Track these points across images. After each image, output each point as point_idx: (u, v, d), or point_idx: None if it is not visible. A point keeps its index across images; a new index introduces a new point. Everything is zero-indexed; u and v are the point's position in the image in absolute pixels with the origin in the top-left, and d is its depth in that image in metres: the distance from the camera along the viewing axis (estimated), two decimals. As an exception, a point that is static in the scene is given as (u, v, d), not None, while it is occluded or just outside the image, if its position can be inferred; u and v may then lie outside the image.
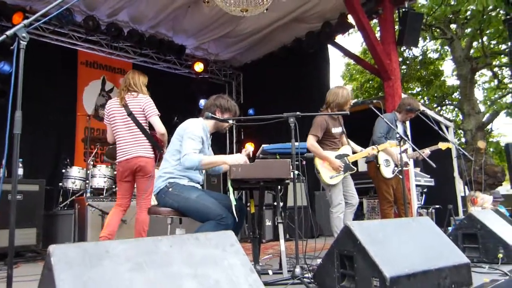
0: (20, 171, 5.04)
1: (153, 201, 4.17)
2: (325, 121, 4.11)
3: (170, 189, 2.88)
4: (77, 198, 5.11)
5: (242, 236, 5.55)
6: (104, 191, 5.50)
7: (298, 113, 2.66)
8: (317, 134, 4.03)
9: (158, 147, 3.76)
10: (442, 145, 4.66)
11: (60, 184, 5.60)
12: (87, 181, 5.31)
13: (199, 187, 3.05)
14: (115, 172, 5.73)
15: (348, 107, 4.13)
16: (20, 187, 4.64)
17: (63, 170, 5.70)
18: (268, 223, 5.73)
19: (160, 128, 3.71)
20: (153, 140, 3.73)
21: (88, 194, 5.16)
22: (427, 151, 4.53)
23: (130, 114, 3.70)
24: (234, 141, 9.14)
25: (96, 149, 6.06)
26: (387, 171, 4.53)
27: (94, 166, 5.66)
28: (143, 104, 3.74)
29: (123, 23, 7.02)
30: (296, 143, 2.62)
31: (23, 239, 4.47)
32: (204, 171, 3.22)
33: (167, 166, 2.99)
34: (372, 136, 4.61)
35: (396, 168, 4.53)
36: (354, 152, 4.29)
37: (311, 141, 3.97)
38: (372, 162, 4.64)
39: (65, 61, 7.05)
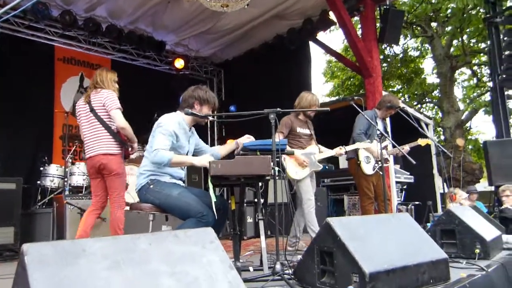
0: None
1: (134, 199, 4.12)
2: (290, 120, 4.38)
3: (151, 186, 2.85)
4: (55, 196, 5.01)
5: (223, 233, 5.53)
6: (83, 189, 5.41)
7: (278, 109, 2.65)
8: (282, 131, 4.25)
9: (123, 143, 3.65)
10: (421, 142, 4.74)
11: (38, 182, 5.48)
12: (66, 179, 5.21)
13: (181, 183, 3.02)
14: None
15: (311, 112, 4.45)
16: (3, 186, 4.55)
17: (41, 168, 5.58)
18: (249, 219, 5.73)
19: (119, 122, 3.58)
20: (117, 136, 3.62)
21: (67, 192, 5.07)
22: (406, 148, 4.61)
23: (92, 110, 3.62)
24: (216, 138, 9.09)
25: (75, 146, 5.94)
26: (368, 168, 4.59)
27: (72, 163, 5.57)
28: (104, 98, 3.63)
29: (101, 18, 6.90)
30: (277, 140, 2.61)
31: (1, 238, 4.38)
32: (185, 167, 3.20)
33: (147, 163, 2.95)
34: (352, 133, 4.66)
35: (376, 165, 4.60)
36: (321, 152, 4.47)
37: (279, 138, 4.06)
38: (353, 159, 4.69)
39: (41, 57, 6.88)
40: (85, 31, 6.88)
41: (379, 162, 4.52)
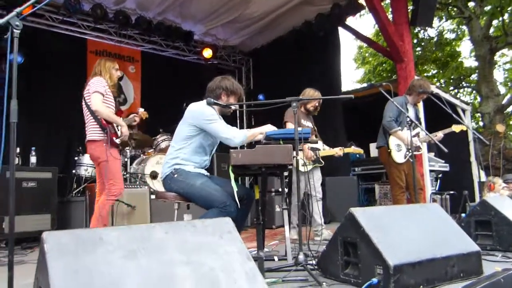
0: (33, 160, 5.14)
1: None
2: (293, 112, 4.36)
3: (176, 176, 2.88)
4: (88, 185, 5.17)
5: (252, 223, 5.55)
6: (115, 178, 5.54)
7: (300, 97, 2.60)
8: (292, 122, 4.17)
9: (103, 128, 3.57)
10: (456, 128, 4.53)
11: (73, 171, 5.68)
12: (98, 169, 5.36)
13: (205, 172, 3.03)
14: (126, 159, 5.79)
15: (310, 106, 4.58)
16: (34, 175, 4.76)
17: (76, 158, 5.77)
18: (277, 209, 5.71)
19: (93, 104, 3.51)
20: (99, 121, 3.57)
21: (99, 182, 5.21)
22: (440, 135, 4.43)
23: (83, 98, 3.71)
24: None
25: (107, 136, 6.08)
26: (399, 156, 4.45)
27: (105, 153, 5.71)
28: (89, 84, 3.64)
29: (130, 10, 6.99)
30: (300, 128, 2.56)
31: (39, 224, 4.60)
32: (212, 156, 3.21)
33: (173, 152, 2.98)
34: (382, 120, 4.52)
35: (407, 153, 4.44)
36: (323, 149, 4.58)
37: (289, 128, 4.16)
38: (383, 147, 4.56)
39: (75, 50, 7.05)
40: (115, 23, 6.99)
41: (410, 150, 4.39)
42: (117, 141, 3.68)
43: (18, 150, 5.05)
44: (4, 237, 4.22)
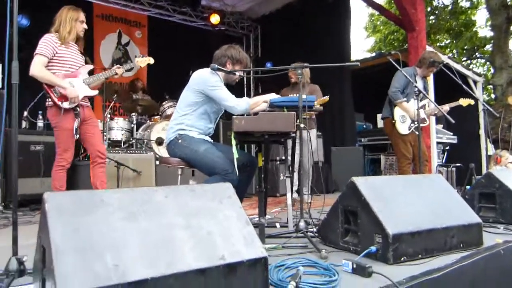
0: (41, 123, 5.17)
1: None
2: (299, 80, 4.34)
3: (180, 141, 2.89)
4: (94, 150, 5.21)
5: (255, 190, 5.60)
6: (122, 143, 5.59)
7: (305, 64, 2.55)
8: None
9: (45, 92, 3.33)
10: (463, 101, 4.47)
11: (77, 137, 5.70)
12: (105, 134, 5.40)
13: (209, 139, 3.03)
14: (132, 125, 5.81)
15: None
16: (42, 139, 4.79)
17: (83, 122, 5.79)
18: (282, 177, 5.75)
19: (30, 68, 3.16)
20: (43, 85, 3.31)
21: (106, 146, 5.25)
22: (446, 108, 4.37)
23: None
24: (252, 95, 9.03)
25: (114, 102, 6.10)
26: (403, 127, 4.41)
27: (111, 119, 5.74)
28: None
29: (137, -27, 6.83)
30: (304, 96, 2.53)
31: (47, 187, 4.66)
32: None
33: (177, 117, 2.98)
34: (388, 90, 4.45)
35: (412, 125, 4.41)
36: None
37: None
38: (388, 118, 4.52)
39: (80, 13, 6.96)
40: (122, -13, 6.87)
41: (415, 122, 4.33)
42: (66, 105, 3.30)
43: (25, 114, 5.09)
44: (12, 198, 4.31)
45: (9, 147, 4.15)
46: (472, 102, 4.44)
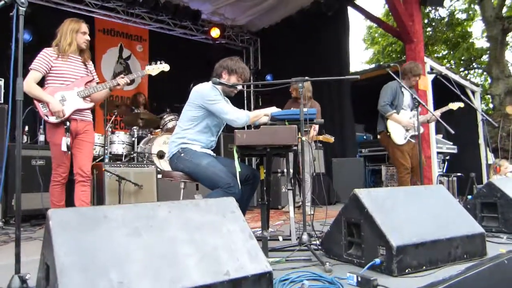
0: (42, 138, 5.18)
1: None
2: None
3: (182, 155, 2.90)
4: (95, 164, 5.21)
5: (257, 203, 5.60)
6: (123, 157, 5.60)
7: (306, 77, 2.57)
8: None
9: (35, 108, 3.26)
10: (452, 106, 4.56)
11: (69, 153, 5.70)
12: (106, 147, 5.40)
13: (211, 153, 3.04)
14: (133, 139, 5.82)
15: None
16: (42, 153, 4.78)
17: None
18: (284, 190, 5.74)
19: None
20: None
21: (107, 160, 5.26)
22: (437, 113, 4.44)
23: None
24: (252, 108, 9.07)
25: (115, 116, 6.12)
26: (399, 138, 4.52)
27: (112, 132, 5.75)
28: None
29: (138, -12, 6.92)
30: (305, 109, 2.54)
31: (47, 202, 4.62)
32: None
33: (180, 131, 2.99)
34: (377, 106, 4.60)
35: (407, 134, 4.52)
36: None
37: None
38: (383, 132, 4.65)
39: (82, 28, 7.04)
40: (123, 2, 6.94)
41: (409, 131, 4.52)
42: (52, 119, 3.20)
43: (26, 128, 5.10)
44: (13, 214, 4.30)
45: (10, 162, 4.15)
46: (461, 105, 4.49)
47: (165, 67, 3.67)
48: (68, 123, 3.24)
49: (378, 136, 4.83)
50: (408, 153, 4.54)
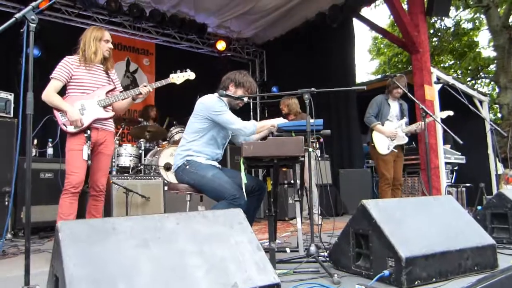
0: (50, 151, 5.23)
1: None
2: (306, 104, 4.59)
3: (188, 167, 2.90)
4: (103, 177, 5.24)
5: (265, 214, 5.58)
6: (130, 169, 5.63)
7: (312, 89, 2.58)
8: None
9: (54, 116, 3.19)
10: (441, 114, 4.68)
11: (89, 162, 5.74)
12: (114, 160, 5.44)
13: (217, 164, 3.05)
14: (140, 151, 5.85)
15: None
16: (51, 166, 4.82)
17: (91, 149, 5.84)
18: (291, 201, 5.72)
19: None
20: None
21: (114, 173, 5.29)
22: (422, 124, 4.50)
23: None
24: (258, 119, 9.10)
25: (122, 128, 6.17)
26: (382, 148, 4.67)
27: (120, 145, 5.79)
28: None
29: (144, 3, 7.04)
30: (312, 120, 2.55)
31: (56, 214, 4.64)
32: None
33: (185, 144, 3.01)
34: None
35: (391, 144, 4.67)
36: None
37: None
38: (369, 142, 4.82)
39: (90, 43, 7.14)
40: (130, 16, 7.05)
41: (393, 141, 4.67)
42: (71, 129, 3.10)
43: (35, 142, 5.15)
44: (22, 226, 4.32)
45: (19, 175, 4.19)
46: (451, 113, 4.53)
47: (191, 75, 3.59)
48: (89, 132, 3.14)
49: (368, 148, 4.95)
50: (391, 163, 4.69)
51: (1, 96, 4.39)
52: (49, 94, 3.08)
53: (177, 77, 3.54)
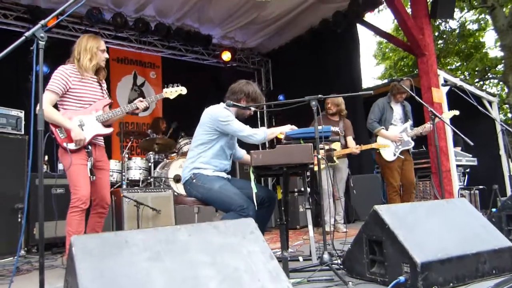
0: (61, 167, 5.26)
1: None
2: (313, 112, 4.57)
3: (194, 181, 2.89)
4: (113, 190, 5.26)
5: (276, 223, 5.55)
6: (140, 182, 5.65)
7: (320, 95, 2.58)
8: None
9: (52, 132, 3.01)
10: (447, 114, 4.51)
11: (92, 178, 5.76)
12: (123, 173, 5.47)
13: (225, 175, 3.03)
14: (149, 164, 5.88)
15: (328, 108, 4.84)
16: (61, 181, 4.81)
17: (101, 164, 5.88)
18: (301, 209, 5.69)
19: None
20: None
21: (124, 186, 5.31)
22: (427, 125, 4.43)
23: None
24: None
25: (131, 142, 6.22)
26: (388, 154, 4.54)
27: (129, 158, 5.82)
28: None
29: (150, 17, 7.12)
30: (320, 127, 2.54)
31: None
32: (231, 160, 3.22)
33: (192, 156, 2.99)
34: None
35: (397, 150, 4.55)
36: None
37: None
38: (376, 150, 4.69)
39: (97, 58, 7.24)
40: (136, 31, 7.15)
41: (399, 146, 4.55)
42: (71, 146, 2.97)
43: (46, 157, 5.20)
44: (35, 243, 4.34)
45: (31, 191, 4.22)
46: (457, 112, 4.41)
47: (182, 89, 3.59)
48: (89, 147, 3.05)
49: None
50: (397, 170, 4.55)
51: (12, 113, 4.44)
52: (46, 109, 2.85)
53: (170, 92, 3.54)
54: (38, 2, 6.22)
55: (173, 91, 3.55)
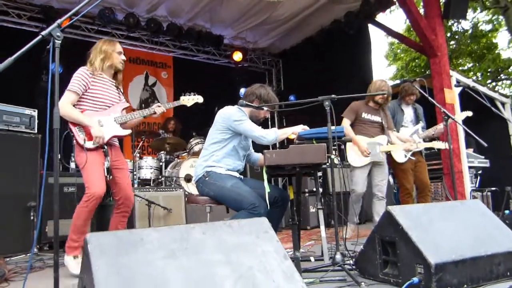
0: (73, 165, 5.31)
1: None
2: (356, 106, 4.39)
3: (207, 178, 2.91)
4: (125, 190, 5.30)
5: (287, 223, 5.54)
6: (151, 181, 5.68)
7: (333, 96, 2.57)
8: (347, 117, 4.36)
9: (70, 131, 3.06)
10: (459, 115, 4.40)
11: (109, 178, 5.82)
12: (135, 173, 5.51)
13: (237, 175, 3.05)
14: (161, 163, 5.91)
15: (379, 98, 4.30)
16: (73, 180, 4.89)
17: (113, 163, 5.93)
18: (312, 209, 5.67)
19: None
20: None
21: (136, 185, 5.35)
22: (440, 126, 4.36)
23: None
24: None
25: (142, 141, 6.26)
26: (399, 156, 4.43)
27: (140, 158, 5.86)
28: None
29: (162, 17, 7.17)
30: (333, 127, 2.54)
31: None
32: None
33: (206, 154, 3.02)
34: None
35: (407, 152, 4.44)
36: (391, 144, 4.39)
37: (343, 123, 4.30)
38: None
39: (110, 58, 7.31)
40: (148, 31, 7.20)
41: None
42: (89, 144, 3.02)
43: (59, 156, 5.25)
44: (47, 240, 4.38)
45: (45, 189, 4.27)
46: (470, 113, 4.31)
47: (199, 98, 3.67)
48: (106, 147, 3.09)
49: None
50: (410, 172, 4.46)
51: (26, 112, 4.49)
52: (67, 108, 2.95)
53: (187, 100, 3.63)
54: (51, 2, 6.30)
55: (190, 99, 3.63)
